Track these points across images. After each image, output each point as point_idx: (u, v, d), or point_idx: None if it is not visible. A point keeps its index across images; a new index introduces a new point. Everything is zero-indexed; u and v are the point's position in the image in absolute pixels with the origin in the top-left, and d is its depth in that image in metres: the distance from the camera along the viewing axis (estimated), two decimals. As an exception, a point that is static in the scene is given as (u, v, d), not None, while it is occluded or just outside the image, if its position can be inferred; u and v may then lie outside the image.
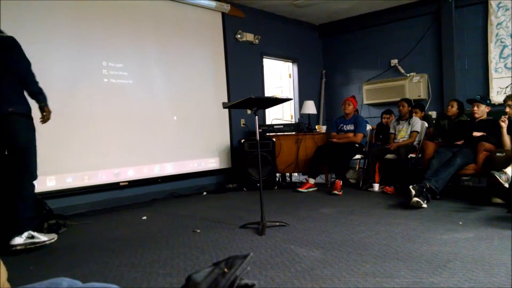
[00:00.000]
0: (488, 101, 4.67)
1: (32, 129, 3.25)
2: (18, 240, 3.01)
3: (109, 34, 4.89)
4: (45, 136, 4.31)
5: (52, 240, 3.19)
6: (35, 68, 4.26)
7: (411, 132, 5.34)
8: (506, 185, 3.68)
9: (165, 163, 5.41)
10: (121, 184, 4.93)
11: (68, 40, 4.56)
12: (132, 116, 5.08)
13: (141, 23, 5.24)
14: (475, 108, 4.57)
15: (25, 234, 3.04)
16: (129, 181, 4.99)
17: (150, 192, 5.23)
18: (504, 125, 4.23)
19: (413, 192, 4.01)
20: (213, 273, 0.84)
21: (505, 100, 4.47)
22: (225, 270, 0.83)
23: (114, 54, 4.93)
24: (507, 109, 4.37)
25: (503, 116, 4.27)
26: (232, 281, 0.81)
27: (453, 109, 5.24)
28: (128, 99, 5.06)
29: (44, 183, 4.30)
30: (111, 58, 4.90)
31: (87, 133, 4.65)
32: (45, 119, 3.29)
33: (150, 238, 3.33)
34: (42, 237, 3.12)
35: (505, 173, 3.71)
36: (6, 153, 3.21)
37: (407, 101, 5.54)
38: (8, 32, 4.11)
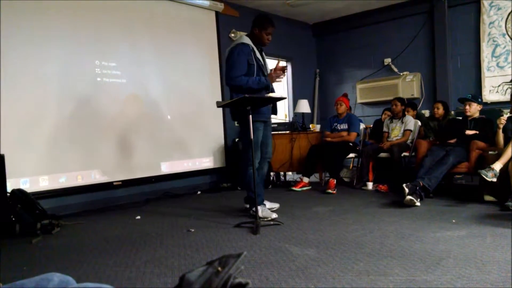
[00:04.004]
0: (479, 99, 4.69)
1: (243, 131, 3.84)
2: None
3: (102, 33, 4.87)
4: (37, 135, 4.30)
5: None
6: (26, 68, 4.27)
7: (405, 130, 5.37)
8: (494, 179, 3.72)
9: (159, 163, 5.39)
10: (114, 183, 4.90)
11: (60, 39, 4.53)
12: (126, 116, 5.06)
13: (134, 21, 5.21)
14: (467, 107, 4.60)
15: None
16: (122, 181, 4.97)
17: (144, 191, 5.21)
18: (501, 125, 4.24)
19: (407, 190, 4.03)
20: (206, 272, 0.84)
21: None
22: (219, 269, 0.83)
23: (107, 53, 4.91)
24: None
25: (501, 118, 4.27)
26: (226, 280, 0.81)
27: (439, 111, 5.27)
28: (122, 98, 5.04)
29: (37, 183, 4.28)
30: (104, 57, 4.88)
31: (80, 132, 4.63)
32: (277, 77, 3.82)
33: (144, 237, 3.32)
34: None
35: (492, 169, 3.75)
36: None
37: (400, 100, 5.56)
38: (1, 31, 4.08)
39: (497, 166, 3.78)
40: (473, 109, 4.59)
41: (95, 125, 4.76)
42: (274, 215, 3.72)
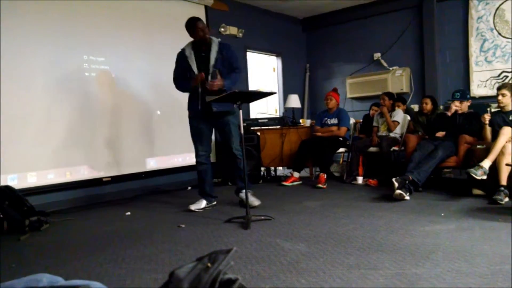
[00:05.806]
0: (468, 96, 4.72)
1: None
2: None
3: (90, 27, 4.80)
4: (25, 131, 4.24)
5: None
6: (13, 62, 4.20)
7: (392, 121, 5.39)
8: (484, 177, 3.74)
9: (149, 158, 5.36)
10: (103, 179, 4.86)
11: (48, 33, 4.46)
12: (115, 111, 5.01)
13: (122, 16, 5.15)
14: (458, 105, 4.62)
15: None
16: (112, 177, 4.93)
17: (134, 187, 5.17)
18: (487, 122, 4.27)
19: (396, 184, 4.06)
20: (196, 268, 0.83)
21: (499, 88, 4.34)
22: (208, 265, 0.82)
23: (95, 48, 4.85)
24: (500, 97, 4.27)
25: (485, 115, 4.30)
26: (215, 276, 0.80)
27: (427, 106, 5.27)
28: (110, 93, 4.98)
29: (25, 179, 4.22)
30: (92, 51, 4.82)
31: (68, 128, 4.57)
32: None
33: (134, 234, 3.30)
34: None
35: (481, 167, 3.76)
36: None
37: (388, 94, 5.60)
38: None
39: (486, 163, 3.78)
40: (464, 106, 4.64)
41: (83, 120, 4.70)
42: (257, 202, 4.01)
